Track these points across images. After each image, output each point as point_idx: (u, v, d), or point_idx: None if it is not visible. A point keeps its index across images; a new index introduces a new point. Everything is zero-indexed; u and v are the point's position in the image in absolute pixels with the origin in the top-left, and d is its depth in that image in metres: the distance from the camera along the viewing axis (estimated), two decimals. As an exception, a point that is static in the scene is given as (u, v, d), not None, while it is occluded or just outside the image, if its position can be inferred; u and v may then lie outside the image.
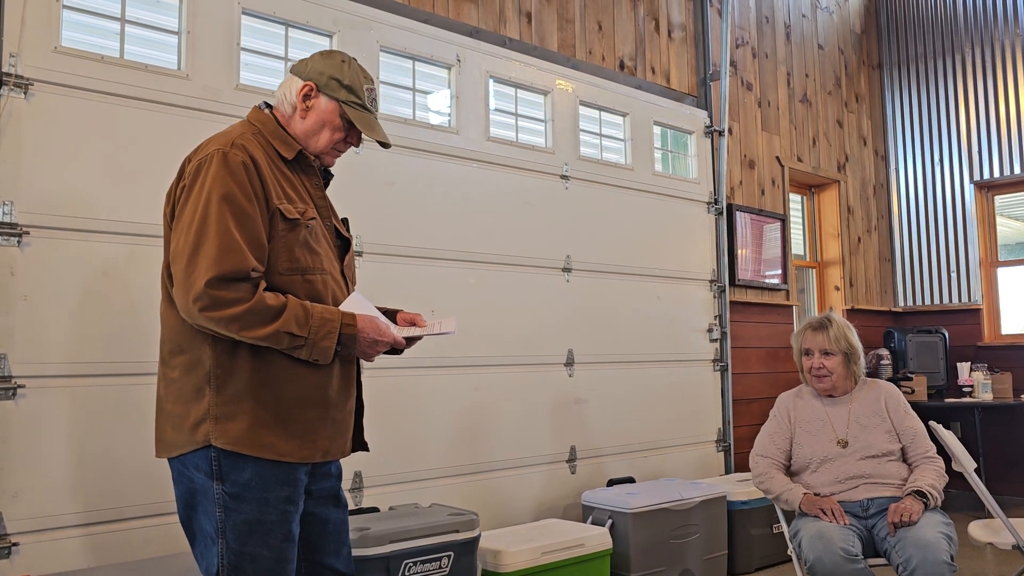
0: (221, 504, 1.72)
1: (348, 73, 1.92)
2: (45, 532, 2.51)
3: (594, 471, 4.13)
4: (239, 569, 1.73)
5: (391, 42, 3.55)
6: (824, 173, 6.02)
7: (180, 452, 1.76)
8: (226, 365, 1.74)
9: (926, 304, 6.33)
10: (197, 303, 1.65)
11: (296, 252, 1.80)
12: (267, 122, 1.90)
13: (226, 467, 1.72)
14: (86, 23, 2.80)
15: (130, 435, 2.70)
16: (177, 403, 1.77)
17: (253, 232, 1.72)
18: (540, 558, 3.12)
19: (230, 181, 1.72)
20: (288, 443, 1.76)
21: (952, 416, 5.86)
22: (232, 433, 1.72)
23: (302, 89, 1.90)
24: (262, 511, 1.74)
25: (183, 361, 1.77)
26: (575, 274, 4.16)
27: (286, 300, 1.72)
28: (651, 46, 4.83)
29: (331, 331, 1.74)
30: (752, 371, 5.16)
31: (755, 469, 2.93)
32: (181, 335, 1.77)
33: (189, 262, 1.68)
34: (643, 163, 4.58)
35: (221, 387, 1.74)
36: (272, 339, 1.69)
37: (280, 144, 1.88)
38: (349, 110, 1.90)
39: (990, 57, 6.06)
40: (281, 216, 1.78)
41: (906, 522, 2.55)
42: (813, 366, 2.94)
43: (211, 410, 1.73)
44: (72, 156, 2.66)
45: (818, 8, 6.18)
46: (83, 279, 2.65)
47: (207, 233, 1.68)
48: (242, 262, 1.68)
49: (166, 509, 2.75)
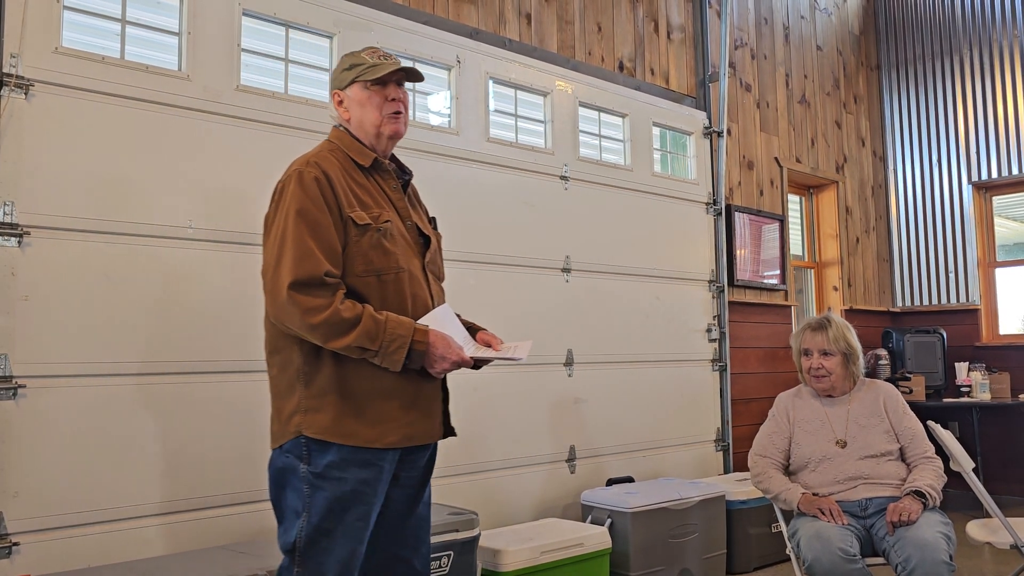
0: (307, 482, 1.88)
1: (348, 59, 2.09)
2: (46, 532, 2.51)
3: (593, 471, 4.13)
4: (314, 542, 1.87)
5: (391, 43, 3.55)
6: (822, 174, 6.03)
7: (280, 442, 1.93)
8: (312, 363, 1.90)
9: (924, 304, 6.35)
10: (283, 309, 1.83)
11: (370, 255, 1.93)
12: (342, 136, 2.07)
13: (314, 452, 1.88)
14: (87, 24, 2.80)
15: (130, 435, 2.70)
16: (276, 398, 1.96)
17: (326, 240, 1.88)
18: (539, 557, 3.13)
19: (304, 197, 1.89)
20: (371, 430, 1.90)
21: (950, 416, 5.87)
22: (320, 423, 1.88)
23: (334, 100, 2.11)
24: (341, 490, 1.88)
25: (278, 360, 1.95)
26: (574, 274, 4.16)
27: (361, 312, 1.85)
28: (650, 47, 4.84)
29: (401, 346, 1.86)
30: (751, 371, 5.17)
31: (754, 469, 2.94)
32: (275, 338, 1.95)
33: (273, 273, 1.86)
34: (642, 164, 4.59)
35: (309, 382, 1.90)
36: (347, 350, 1.85)
37: (356, 154, 2.04)
38: (363, 76, 2.04)
39: (988, 58, 6.07)
40: (353, 223, 1.92)
41: (905, 521, 2.56)
42: (812, 366, 2.94)
43: (301, 403, 1.90)
44: (73, 157, 2.66)
45: (817, 9, 6.20)
46: (84, 279, 2.66)
47: (286, 245, 1.85)
48: (316, 266, 1.83)
49: (166, 508, 2.76)
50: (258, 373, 3.01)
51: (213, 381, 2.90)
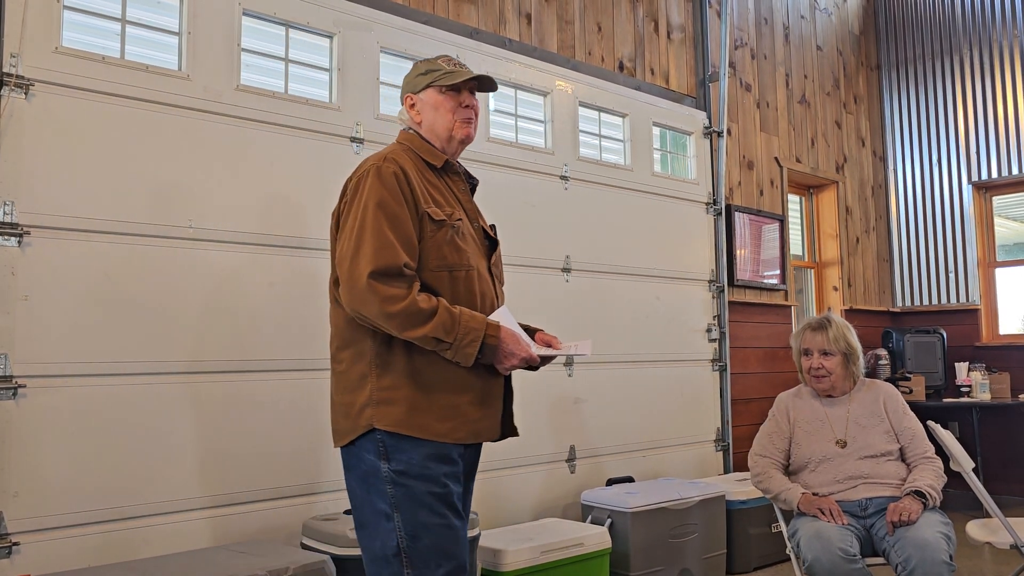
0: (391, 481, 1.88)
1: (423, 65, 2.13)
2: (46, 532, 2.51)
3: (593, 470, 4.13)
4: (416, 538, 1.86)
5: (391, 43, 3.55)
6: (822, 174, 6.03)
7: (351, 438, 1.92)
8: (385, 355, 1.91)
9: (924, 304, 6.35)
10: (361, 297, 1.83)
11: (444, 250, 1.96)
12: (412, 139, 2.10)
13: (391, 447, 1.88)
14: (87, 23, 2.80)
15: (130, 435, 2.70)
16: (344, 393, 1.95)
17: (404, 232, 1.90)
18: (539, 557, 3.13)
19: (383, 190, 1.91)
20: (442, 424, 1.91)
21: (950, 416, 5.88)
22: (393, 416, 1.88)
23: (406, 103, 2.14)
24: (427, 485, 1.88)
25: (349, 354, 1.95)
26: (574, 274, 4.16)
27: (437, 305, 1.87)
28: (650, 47, 4.84)
29: (474, 339, 1.88)
30: (751, 371, 5.17)
31: (754, 469, 2.94)
32: (346, 331, 1.95)
33: (352, 263, 1.86)
34: (642, 164, 4.59)
35: (381, 374, 1.90)
36: (422, 341, 1.86)
37: (428, 155, 2.07)
38: (439, 81, 2.09)
39: (988, 58, 6.07)
40: (429, 218, 1.95)
41: (905, 521, 2.56)
42: (812, 366, 2.95)
43: (373, 395, 1.90)
44: (73, 156, 2.66)
45: (817, 9, 6.20)
46: (84, 279, 2.66)
47: (364, 236, 1.87)
48: (395, 257, 1.85)
49: (166, 508, 2.76)
50: (258, 373, 3.01)
51: (212, 381, 2.90)
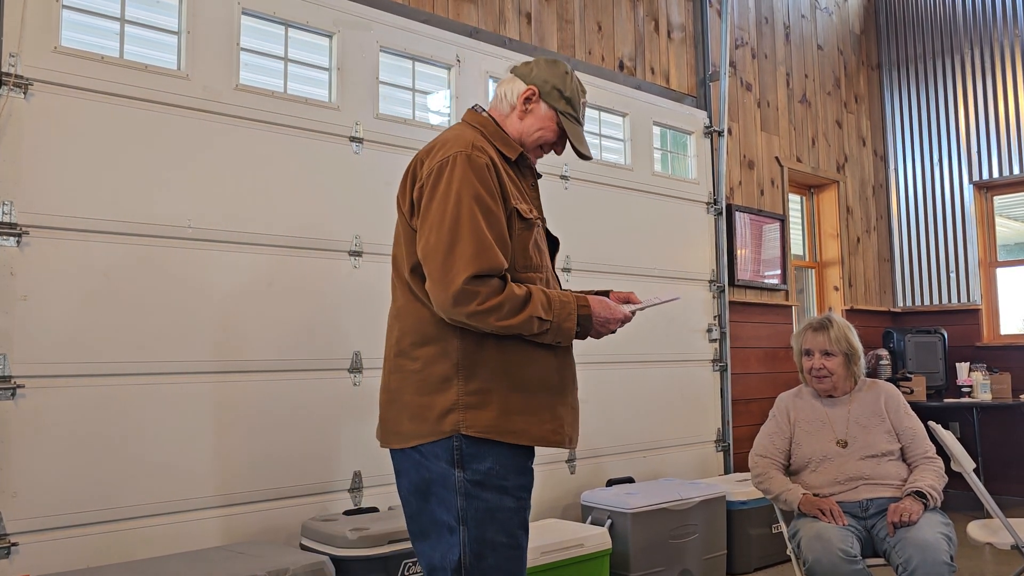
0: (463, 492, 1.75)
1: (570, 85, 1.98)
2: (45, 532, 2.51)
3: (593, 471, 4.13)
4: (481, 556, 1.75)
5: (391, 42, 3.55)
6: (823, 173, 6.02)
7: (420, 442, 1.78)
8: (473, 355, 1.78)
9: (925, 304, 6.34)
10: (457, 299, 1.70)
11: (530, 250, 1.86)
12: (487, 124, 1.95)
13: (467, 455, 1.75)
14: (86, 23, 2.80)
15: (129, 435, 2.70)
16: (420, 394, 1.80)
17: (500, 231, 1.78)
18: (539, 558, 3.12)
19: (476, 182, 1.77)
20: (540, 427, 1.80)
21: (951, 416, 5.87)
22: (483, 421, 1.75)
23: (524, 92, 1.96)
24: (501, 499, 1.77)
25: (428, 352, 1.80)
26: (575, 274, 4.16)
27: (529, 289, 1.78)
28: (650, 46, 4.83)
29: (571, 312, 1.80)
30: (751, 371, 5.17)
31: (754, 469, 2.93)
32: (428, 327, 1.81)
33: (445, 260, 1.72)
34: (642, 163, 4.58)
35: (470, 377, 1.77)
36: (524, 325, 1.75)
37: (503, 145, 1.93)
38: (565, 121, 1.97)
39: (989, 58, 6.06)
40: (518, 215, 1.84)
41: (906, 522, 2.56)
42: (813, 367, 2.94)
43: (460, 399, 1.76)
44: (72, 156, 2.66)
45: (817, 9, 6.19)
46: (83, 279, 2.65)
47: (460, 232, 1.72)
48: (496, 260, 1.73)
49: (166, 509, 2.75)
50: (259, 373, 3.01)
51: (212, 381, 2.89)
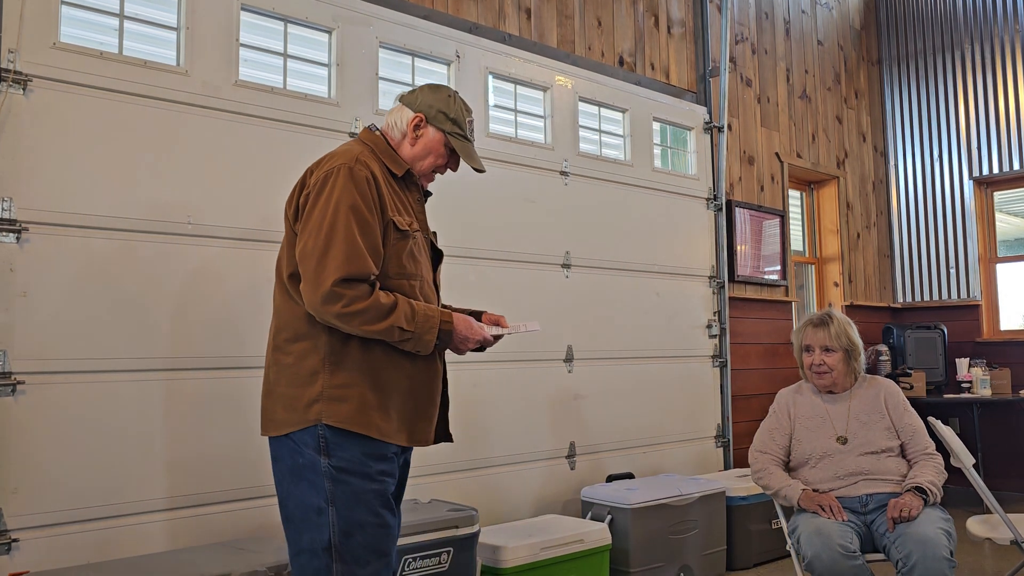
0: (329, 476, 1.90)
1: (453, 107, 2.13)
2: (45, 528, 2.51)
3: (593, 467, 4.13)
4: (349, 535, 1.90)
5: (390, 38, 3.54)
6: (823, 169, 6.02)
7: (291, 429, 1.93)
8: (339, 352, 1.93)
9: (925, 300, 6.34)
10: (325, 299, 1.85)
11: (403, 259, 2.00)
12: (378, 142, 2.10)
13: (332, 444, 1.90)
14: (85, 19, 2.79)
15: (129, 431, 2.70)
16: (291, 386, 1.95)
17: (373, 240, 1.93)
18: (539, 554, 3.13)
19: (355, 193, 1.92)
20: (388, 424, 1.95)
21: (951, 412, 5.87)
22: (343, 413, 1.91)
23: (413, 120, 2.11)
24: (365, 483, 1.92)
25: (299, 348, 1.95)
26: (574, 270, 4.16)
27: (396, 299, 1.93)
28: (650, 42, 4.82)
29: (432, 327, 1.95)
30: (751, 367, 5.17)
31: (754, 465, 2.93)
32: (300, 324, 1.96)
33: (319, 263, 1.86)
34: (642, 159, 4.58)
35: (335, 371, 1.93)
36: (386, 332, 1.90)
37: (391, 162, 2.08)
38: (453, 140, 2.12)
39: (990, 53, 6.06)
40: (394, 227, 1.99)
41: (905, 518, 2.56)
42: (814, 363, 2.94)
43: (324, 392, 1.92)
44: (71, 152, 2.66)
45: (818, 4, 6.18)
46: (82, 275, 2.65)
47: (335, 238, 1.87)
48: (364, 266, 1.89)
49: (166, 505, 2.75)
50: (261, 369, 3.00)
51: (212, 377, 2.89)
